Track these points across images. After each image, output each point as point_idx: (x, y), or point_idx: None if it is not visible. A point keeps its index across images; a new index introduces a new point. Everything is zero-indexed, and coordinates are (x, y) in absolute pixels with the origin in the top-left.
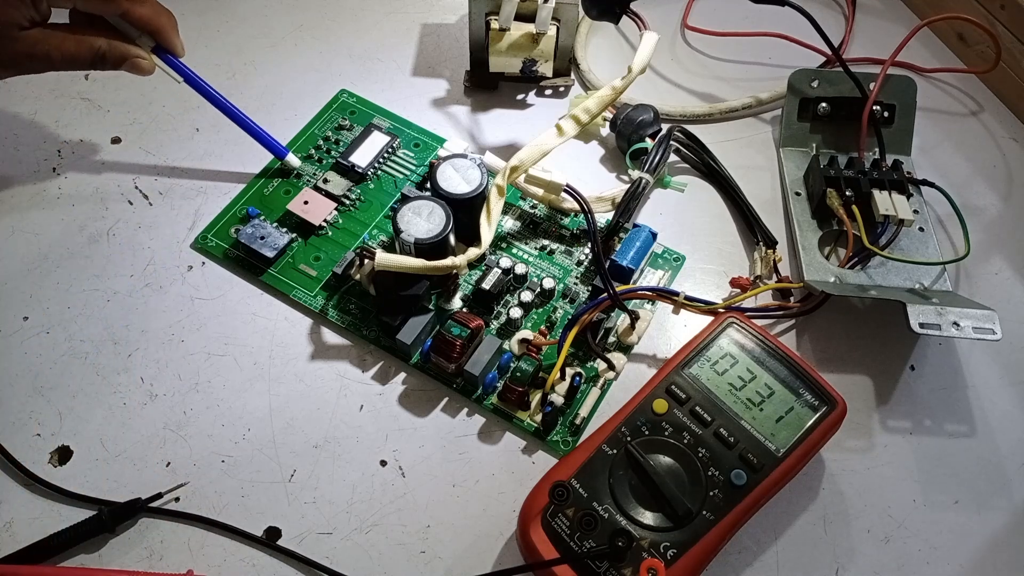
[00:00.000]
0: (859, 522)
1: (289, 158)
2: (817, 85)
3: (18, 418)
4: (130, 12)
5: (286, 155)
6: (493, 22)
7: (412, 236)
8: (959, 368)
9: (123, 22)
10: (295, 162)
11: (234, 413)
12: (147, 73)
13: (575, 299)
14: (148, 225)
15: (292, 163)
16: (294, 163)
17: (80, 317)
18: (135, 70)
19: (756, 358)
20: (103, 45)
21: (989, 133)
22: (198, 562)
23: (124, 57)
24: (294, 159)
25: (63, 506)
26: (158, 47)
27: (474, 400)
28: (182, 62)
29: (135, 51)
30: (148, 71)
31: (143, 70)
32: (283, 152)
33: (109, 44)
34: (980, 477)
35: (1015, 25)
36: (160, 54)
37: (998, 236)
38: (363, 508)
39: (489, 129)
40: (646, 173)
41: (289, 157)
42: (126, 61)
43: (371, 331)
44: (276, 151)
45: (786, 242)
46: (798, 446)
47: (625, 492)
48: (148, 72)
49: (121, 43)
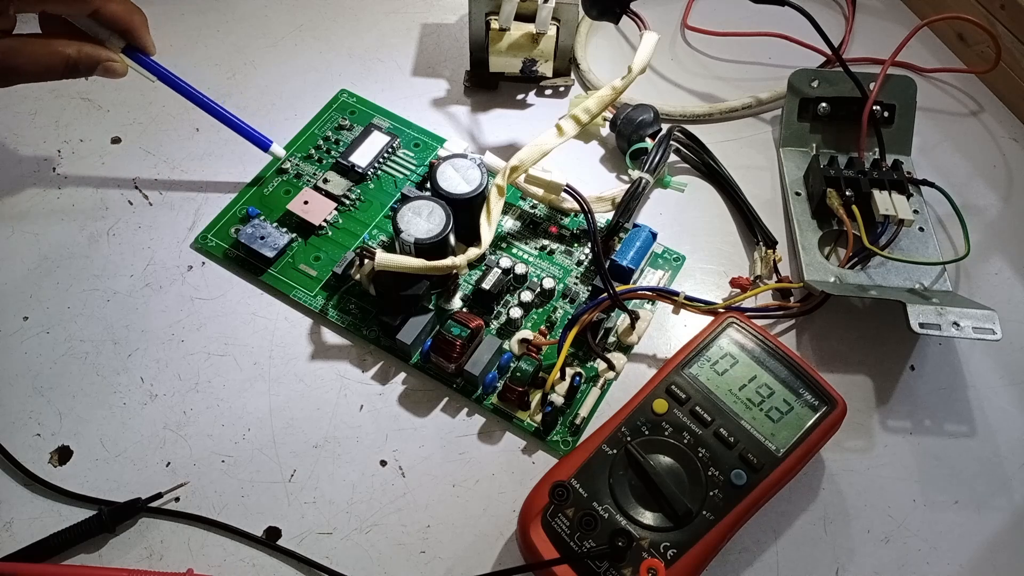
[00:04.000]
0: (859, 522)
1: (273, 148)
2: (817, 85)
3: (18, 418)
4: (102, 10)
5: (269, 146)
6: (493, 22)
7: (412, 236)
8: (959, 368)
9: (93, 23)
10: (280, 152)
11: (234, 413)
12: (120, 76)
13: (575, 299)
14: (148, 225)
15: (277, 153)
16: (279, 153)
17: (80, 317)
18: (108, 74)
19: (756, 358)
20: (73, 52)
21: (989, 133)
22: (198, 562)
23: (96, 62)
24: (278, 149)
25: (63, 506)
26: (129, 47)
27: (474, 400)
28: (155, 60)
29: (106, 54)
30: (121, 74)
31: (116, 73)
32: (266, 143)
33: (79, 50)
34: (980, 477)
35: (1015, 25)
36: (131, 54)
37: (998, 236)
38: (363, 508)
39: (489, 129)
40: (646, 173)
41: (273, 147)
42: (99, 66)
43: (371, 331)
44: (259, 143)
45: (786, 242)
46: (798, 446)
47: (625, 492)
48: (121, 75)
49: (91, 47)
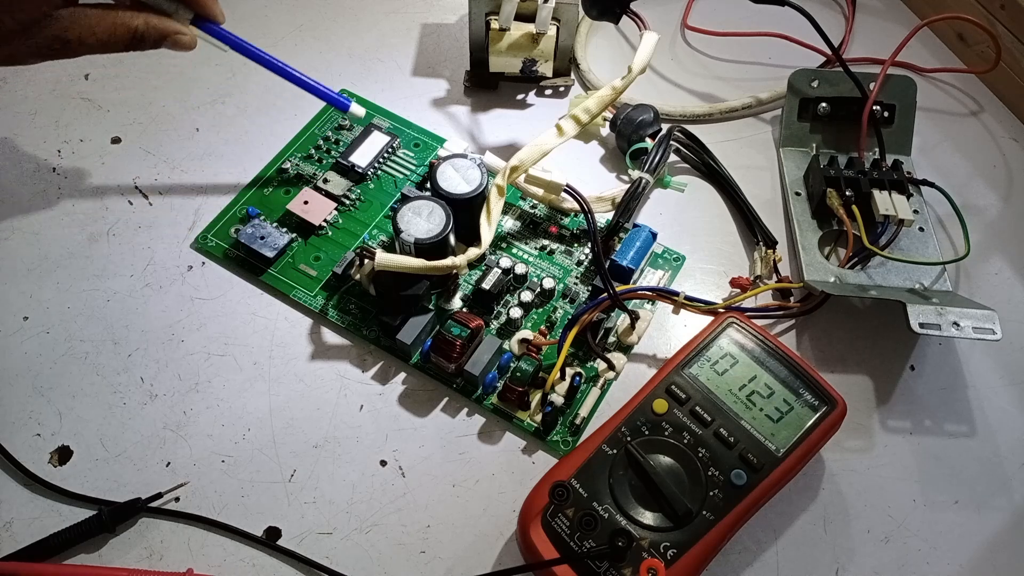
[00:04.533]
0: (859, 522)
1: (353, 108)
2: (817, 85)
3: (18, 418)
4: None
5: (349, 106)
6: (493, 22)
7: (412, 236)
8: (959, 368)
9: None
10: (360, 111)
11: (234, 413)
12: (189, 48)
13: (575, 299)
14: (148, 225)
15: (357, 113)
16: (359, 112)
17: (80, 317)
18: (177, 47)
19: (756, 358)
20: (140, 24)
21: (989, 133)
22: (198, 562)
23: (163, 34)
24: (358, 108)
25: (63, 506)
26: (196, 18)
27: (474, 400)
28: (225, 29)
29: (174, 26)
30: (190, 46)
31: (185, 46)
32: (346, 104)
33: (146, 22)
34: (980, 477)
35: (1015, 25)
36: (200, 24)
37: (998, 236)
38: (363, 508)
39: (489, 129)
40: (646, 173)
41: (353, 107)
42: (167, 39)
43: (371, 331)
44: (339, 104)
45: (786, 242)
46: (798, 446)
47: (625, 492)
48: (190, 47)
49: (159, 19)
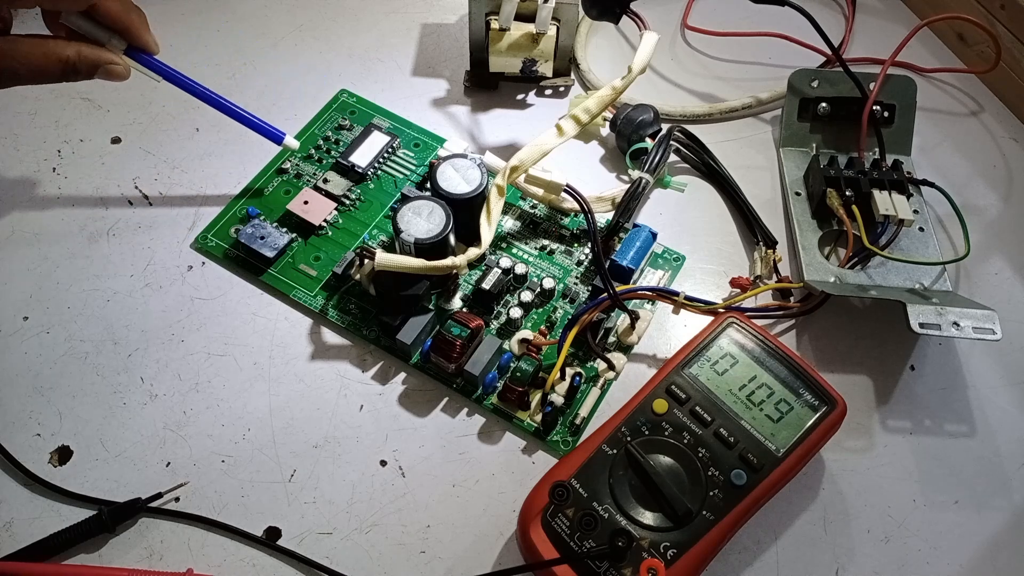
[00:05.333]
0: (859, 522)
1: (287, 141)
2: (817, 85)
3: (18, 418)
4: (98, 7)
5: (283, 139)
6: (493, 22)
7: (412, 236)
8: (959, 368)
9: (90, 25)
10: (293, 144)
11: (234, 413)
12: (123, 78)
13: (575, 299)
14: (148, 225)
15: (291, 145)
16: (292, 145)
17: (80, 317)
18: (110, 76)
19: (756, 358)
20: (72, 54)
21: (989, 133)
22: (198, 562)
23: (96, 64)
24: (292, 141)
25: (63, 506)
26: (130, 48)
27: (474, 400)
28: (158, 59)
29: (107, 56)
30: (123, 76)
31: (118, 76)
32: (279, 136)
33: (79, 52)
34: (980, 477)
35: (1015, 25)
36: (134, 55)
37: (998, 236)
38: (363, 508)
39: (489, 129)
40: (646, 173)
41: (287, 140)
42: (99, 68)
43: (371, 331)
44: (272, 136)
45: (786, 242)
46: (798, 446)
47: (625, 492)
48: (123, 77)
49: (91, 49)
